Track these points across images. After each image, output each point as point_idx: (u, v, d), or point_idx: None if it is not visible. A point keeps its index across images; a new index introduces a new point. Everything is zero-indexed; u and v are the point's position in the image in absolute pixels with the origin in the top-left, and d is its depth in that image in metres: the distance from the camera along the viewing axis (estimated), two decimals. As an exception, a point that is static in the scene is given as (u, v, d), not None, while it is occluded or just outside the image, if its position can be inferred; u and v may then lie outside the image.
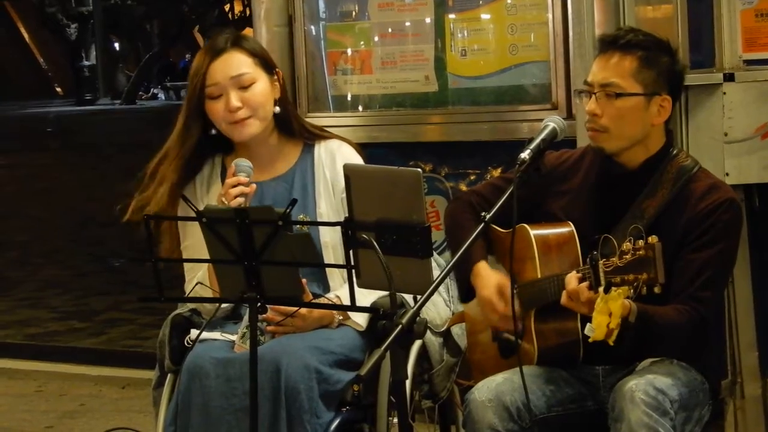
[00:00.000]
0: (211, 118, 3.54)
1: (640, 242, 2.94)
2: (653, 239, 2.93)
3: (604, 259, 2.99)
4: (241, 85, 3.51)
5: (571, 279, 3.08)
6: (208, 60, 3.53)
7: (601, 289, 2.97)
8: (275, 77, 3.60)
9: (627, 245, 2.96)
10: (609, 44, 3.29)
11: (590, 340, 2.99)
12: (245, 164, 3.43)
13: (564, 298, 3.10)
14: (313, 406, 3.19)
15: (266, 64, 3.59)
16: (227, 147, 3.63)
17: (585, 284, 3.04)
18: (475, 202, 3.52)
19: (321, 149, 3.63)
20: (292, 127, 3.63)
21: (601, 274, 2.98)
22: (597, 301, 2.95)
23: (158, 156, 3.59)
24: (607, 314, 2.93)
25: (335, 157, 3.58)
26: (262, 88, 3.55)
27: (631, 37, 3.27)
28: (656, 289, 2.95)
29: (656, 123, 3.29)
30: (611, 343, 2.97)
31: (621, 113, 3.24)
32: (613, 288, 2.94)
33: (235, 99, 3.50)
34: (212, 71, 3.52)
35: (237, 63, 3.53)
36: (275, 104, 3.58)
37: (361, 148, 3.70)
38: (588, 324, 2.99)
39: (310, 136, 3.65)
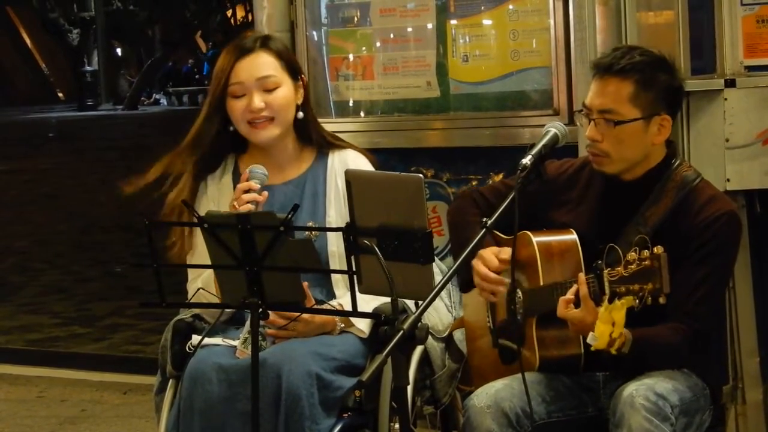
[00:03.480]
0: (231, 116, 3.55)
1: (646, 252, 2.94)
2: (659, 249, 2.92)
3: (609, 269, 2.98)
4: (266, 87, 3.52)
5: (581, 284, 3.08)
6: (234, 58, 3.54)
7: (605, 298, 2.97)
8: (300, 82, 3.61)
9: (632, 255, 2.95)
10: (605, 70, 3.26)
11: (592, 348, 3.00)
12: (260, 171, 3.43)
13: (560, 308, 3.10)
14: (313, 413, 3.18)
15: (292, 68, 3.60)
16: (242, 147, 3.63)
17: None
18: (478, 200, 3.53)
19: (335, 158, 3.63)
20: (310, 134, 3.64)
21: (606, 284, 2.98)
22: (600, 311, 2.95)
23: (177, 150, 3.59)
24: (610, 323, 2.93)
25: (348, 167, 3.57)
26: (286, 93, 3.55)
27: (626, 62, 3.23)
28: (661, 300, 2.94)
29: (657, 142, 3.29)
30: (614, 352, 2.97)
31: (621, 138, 3.24)
32: (617, 298, 2.94)
33: (258, 100, 3.51)
34: (237, 70, 3.53)
35: (264, 65, 3.54)
36: (297, 110, 3.59)
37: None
38: (591, 333, 2.99)
39: (326, 144, 3.65)
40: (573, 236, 3.30)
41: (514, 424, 3.18)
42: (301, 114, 3.59)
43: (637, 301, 2.94)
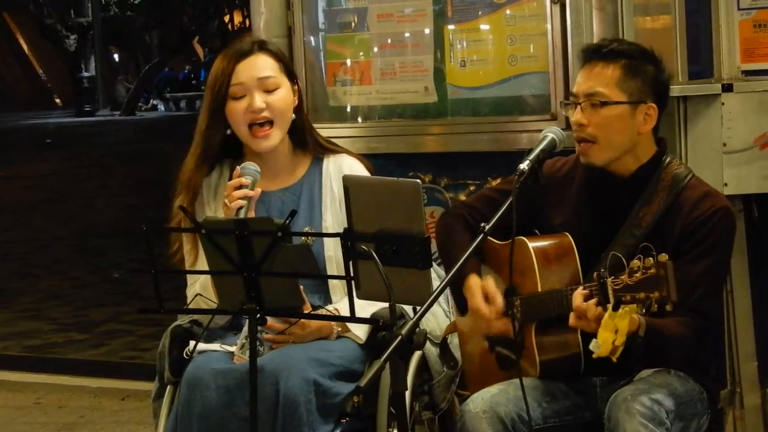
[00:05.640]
0: (231, 119, 3.54)
1: (650, 260, 2.90)
2: (663, 257, 2.88)
3: (613, 277, 2.96)
4: (266, 88, 3.53)
5: (577, 296, 3.05)
6: (234, 61, 3.54)
7: (609, 306, 2.94)
8: (295, 86, 3.61)
9: (636, 263, 2.92)
10: (592, 54, 3.30)
11: (594, 356, 2.97)
12: (252, 168, 3.42)
13: (572, 319, 3.08)
14: (311, 419, 3.18)
15: (289, 71, 3.61)
16: (237, 152, 3.63)
17: (593, 301, 3.00)
18: (468, 215, 3.51)
19: (330, 163, 3.63)
20: (305, 139, 3.64)
21: (610, 292, 2.94)
22: (604, 318, 2.93)
23: (187, 163, 3.59)
24: (613, 331, 2.91)
25: (343, 172, 3.57)
26: (285, 95, 3.56)
27: (615, 47, 3.29)
28: (668, 307, 2.91)
29: (643, 131, 3.29)
30: (614, 360, 2.96)
31: (607, 122, 3.25)
32: (622, 306, 2.92)
33: (259, 100, 3.51)
34: (238, 71, 3.53)
35: (264, 65, 3.55)
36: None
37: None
38: (593, 340, 2.97)
39: (321, 150, 3.65)
40: (569, 240, 3.30)
41: (509, 430, 3.17)
42: (293, 115, 3.59)
43: (644, 309, 2.91)
